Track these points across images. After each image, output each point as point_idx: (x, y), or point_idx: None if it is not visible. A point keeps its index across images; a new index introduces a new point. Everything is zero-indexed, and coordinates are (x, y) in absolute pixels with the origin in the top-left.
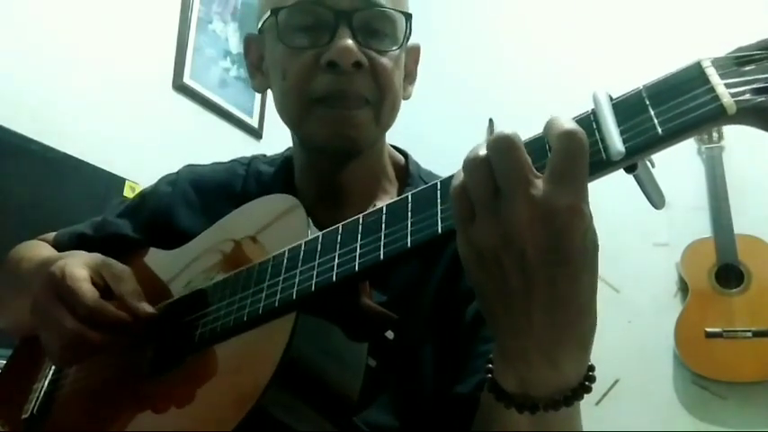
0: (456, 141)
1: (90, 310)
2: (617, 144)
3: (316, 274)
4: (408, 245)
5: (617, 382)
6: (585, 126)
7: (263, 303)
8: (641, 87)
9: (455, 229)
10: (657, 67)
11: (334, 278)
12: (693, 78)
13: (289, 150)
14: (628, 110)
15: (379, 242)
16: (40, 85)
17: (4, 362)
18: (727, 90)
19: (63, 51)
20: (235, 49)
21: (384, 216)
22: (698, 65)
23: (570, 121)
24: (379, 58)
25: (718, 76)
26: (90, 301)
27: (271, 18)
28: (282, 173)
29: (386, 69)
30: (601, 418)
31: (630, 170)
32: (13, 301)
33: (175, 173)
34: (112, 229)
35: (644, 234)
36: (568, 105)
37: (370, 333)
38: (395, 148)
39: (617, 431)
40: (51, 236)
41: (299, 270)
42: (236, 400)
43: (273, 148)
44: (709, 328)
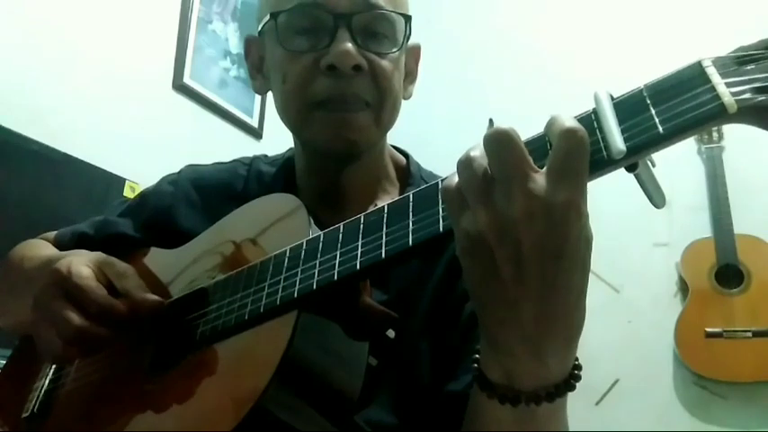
0: (456, 141)
1: (101, 306)
2: (618, 143)
3: (317, 272)
4: (410, 243)
5: (617, 382)
6: (587, 125)
7: (264, 302)
8: (642, 87)
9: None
10: (658, 67)
11: (335, 276)
12: (694, 77)
13: (290, 151)
14: (629, 109)
15: (381, 241)
16: (39, 84)
17: (4, 362)
18: (727, 89)
19: (63, 51)
20: (235, 49)
21: (385, 215)
22: (698, 64)
23: (571, 119)
24: (379, 60)
25: (719, 75)
26: (101, 299)
27: (270, 21)
28: (284, 173)
29: (385, 72)
30: (601, 418)
31: (631, 169)
32: (14, 299)
33: (177, 173)
34: (113, 228)
35: (644, 234)
36: (569, 105)
37: (370, 332)
38: (396, 148)
39: (617, 431)
40: (52, 235)
41: (300, 269)
42: (236, 399)
43: (273, 148)
44: (709, 328)
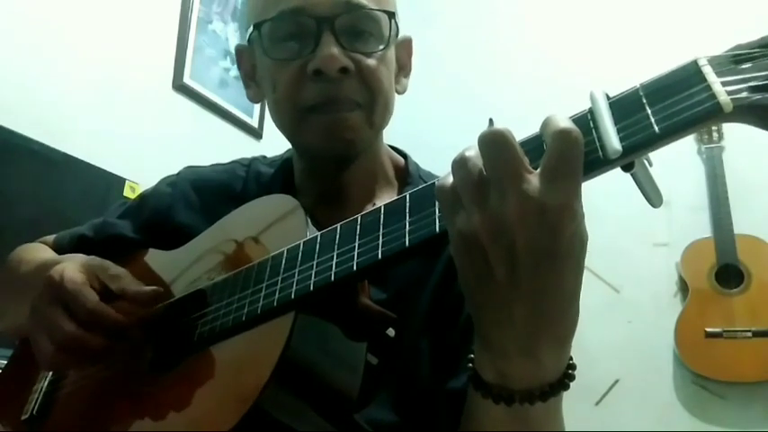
0: (456, 141)
1: (90, 313)
2: (614, 142)
3: (314, 273)
4: (406, 244)
5: (617, 382)
6: (583, 125)
7: (261, 303)
8: (638, 86)
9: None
10: (654, 66)
11: (332, 278)
12: (690, 77)
13: (289, 152)
14: (625, 108)
15: (378, 241)
16: (40, 84)
17: (4, 362)
18: (723, 88)
19: (63, 51)
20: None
21: (382, 216)
22: (694, 63)
23: (566, 120)
24: (366, 59)
25: (715, 74)
26: (90, 305)
27: (255, 32)
28: (282, 174)
29: (373, 71)
30: (601, 418)
31: (628, 168)
32: (13, 303)
33: (176, 174)
34: (113, 230)
35: (644, 234)
36: (567, 104)
37: (368, 332)
38: (394, 148)
39: (617, 431)
40: (51, 238)
41: (297, 270)
42: (235, 400)
43: (273, 148)
44: (709, 328)
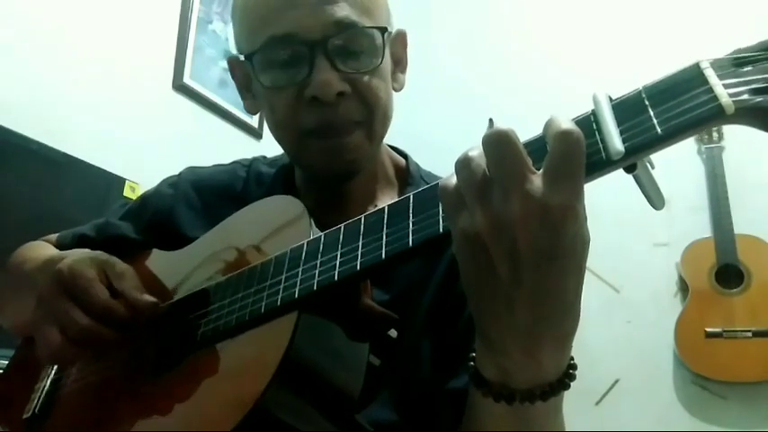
0: (457, 141)
1: (103, 307)
2: (616, 144)
3: (318, 273)
4: (410, 244)
5: (617, 382)
6: (585, 126)
7: (264, 302)
8: (641, 88)
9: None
10: (657, 68)
11: (336, 277)
12: (692, 79)
13: None
14: (627, 110)
15: (381, 241)
16: (40, 84)
17: (5, 362)
18: (725, 90)
19: (63, 51)
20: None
21: (386, 216)
22: (696, 66)
23: (568, 121)
24: (362, 78)
25: (717, 76)
26: (104, 300)
27: (246, 61)
28: (283, 174)
29: (370, 88)
30: (601, 418)
31: (630, 170)
32: (16, 300)
33: (177, 175)
34: (115, 230)
35: (644, 234)
36: (569, 106)
37: (370, 333)
38: (394, 149)
39: (617, 431)
40: (54, 237)
41: (301, 269)
42: (237, 399)
43: (273, 148)
44: (709, 328)
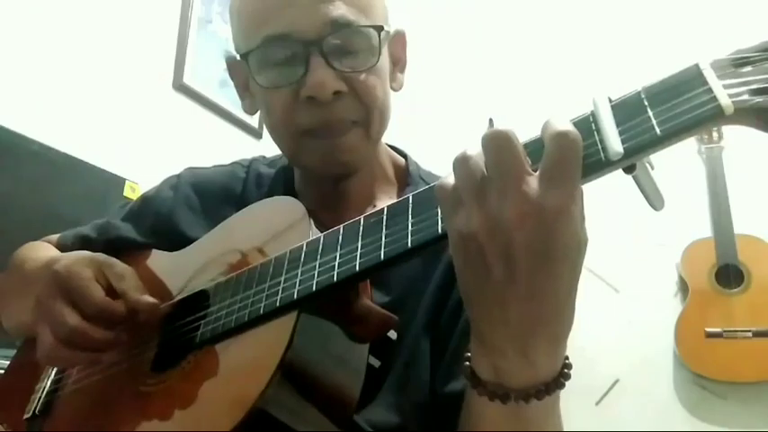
0: (456, 141)
1: (98, 307)
2: (615, 144)
3: (317, 273)
4: (409, 245)
5: (617, 382)
6: (584, 127)
7: (264, 303)
8: (640, 89)
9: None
10: (656, 69)
11: (335, 278)
12: (692, 79)
13: None
14: (626, 111)
15: (380, 242)
16: (39, 84)
17: (5, 362)
18: (725, 91)
19: (63, 51)
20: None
21: (385, 217)
22: (696, 66)
23: (565, 122)
24: (358, 77)
25: (716, 77)
26: (98, 300)
27: (242, 60)
28: (283, 175)
29: (367, 87)
30: (601, 418)
31: (629, 171)
32: (17, 301)
33: (176, 176)
34: (116, 232)
35: (644, 234)
36: (568, 106)
37: (370, 334)
38: (394, 148)
39: (617, 431)
40: (54, 238)
41: (300, 270)
42: (236, 400)
43: (273, 148)
44: (709, 328)
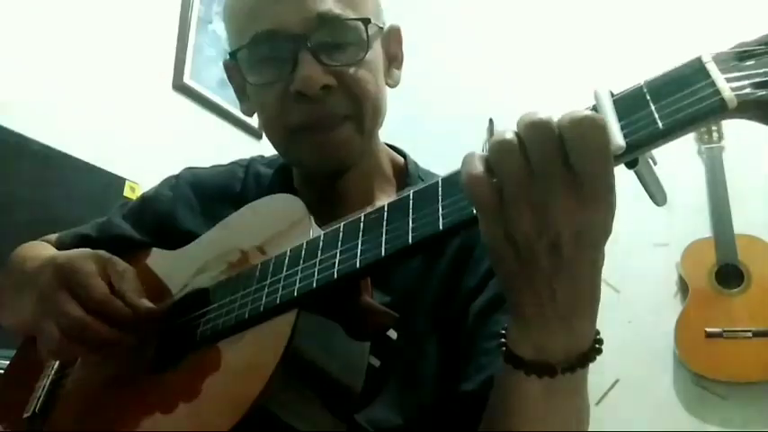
0: (456, 140)
1: (100, 303)
2: (617, 138)
3: (317, 271)
4: (410, 241)
5: (617, 382)
6: None
7: (264, 301)
8: (642, 83)
9: (457, 225)
10: (658, 63)
11: (335, 275)
12: (694, 73)
13: None
14: (628, 105)
15: (381, 239)
16: (39, 84)
17: (5, 362)
18: (727, 84)
19: (63, 51)
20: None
21: (385, 213)
22: (699, 60)
23: (587, 112)
24: (348, 70)
25: (719, 70)
26: (101, 295)
27: (232, 59)
28: (281, 174)
29: (357, 80)
30: (601, 419)
31: (631, 165)
32: (16, 299)
33: (175, 176)
34: (116, 230)
35: (644, 234)
36: (569, 100)
37: (371, 332)
38: (393, 147)
39: (617, 431)
40: (53, 237)
41: (300, 267)
42: (236, 398)
43: (273, 148)
44: (709, 328)
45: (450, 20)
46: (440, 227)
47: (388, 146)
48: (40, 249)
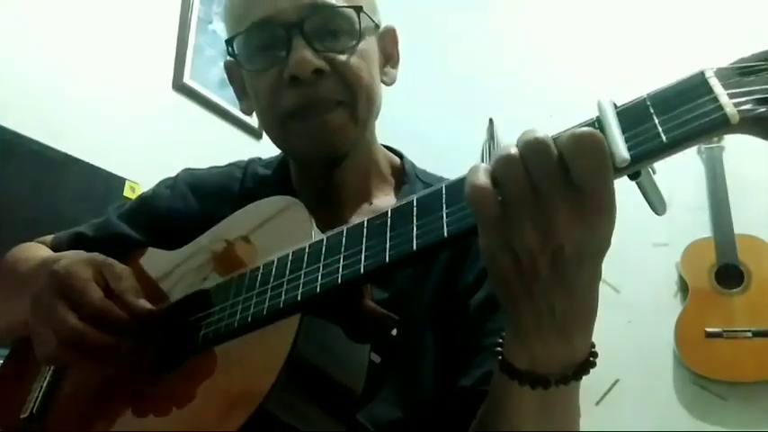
0: (456, 140)
1: (96, 309)
2: (622, 151)
3: (321, 275)
4: (414, 248)
5: (617, 382)
6: None
7: (267, 304)
8: (645, 96)
9: (462, 233)
10: (661, 76)
11: (339, 280)
12: (696, 87)
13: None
14: (632, 118)
15: (385, 245)
16: (40, 84)
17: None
18: (730, 100)
19: (63, 51)
20: None
21: (389, 219)
22: (701, 74)
23: (581, 129)
24: (341, 57)
25: (721, 86)
26: (97, 301)
27: (229, 47)
28: (280, 175)
29: (350, 67)
30: (601, 418)
31: (634, 177)
32: (11, 301)
33: (173, 177)
34: (113, 229)
35: (644, 234)
36: (571, 109)
37: (372, 334)
38: (389, 148)
39: (617, 431)
40: (49, 239)
41: (303, 272)
42: (240, 401)
43: (273, 148)
44: (709, 328)
45: (451, 17)
46: (444, 234)
47: (385, 147)
48: (34, 251)
